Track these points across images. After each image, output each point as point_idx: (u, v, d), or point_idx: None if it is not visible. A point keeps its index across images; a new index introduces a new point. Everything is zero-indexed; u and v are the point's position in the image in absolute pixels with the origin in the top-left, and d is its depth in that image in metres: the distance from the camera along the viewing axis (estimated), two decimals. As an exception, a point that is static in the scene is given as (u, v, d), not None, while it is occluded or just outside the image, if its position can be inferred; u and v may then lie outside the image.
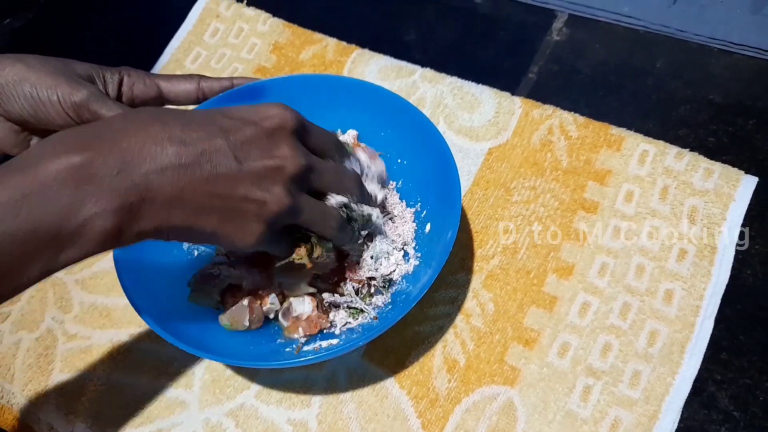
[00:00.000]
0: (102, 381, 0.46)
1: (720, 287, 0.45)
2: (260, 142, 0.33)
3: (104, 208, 0.29)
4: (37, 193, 0.27)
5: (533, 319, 0.45)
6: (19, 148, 0.45)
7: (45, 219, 0.28)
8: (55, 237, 0.28)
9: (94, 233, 0.29)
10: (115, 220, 0.29)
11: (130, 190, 0.29)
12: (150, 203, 0.30)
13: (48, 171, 0.28)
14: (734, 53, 0.57)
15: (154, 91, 0.46)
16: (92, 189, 0.28)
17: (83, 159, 0.28)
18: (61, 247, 0.28)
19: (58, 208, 0.28)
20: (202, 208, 0.32)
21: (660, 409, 0.41)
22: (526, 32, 0.61)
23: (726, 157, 0.50)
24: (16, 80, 0.41)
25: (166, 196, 0.30)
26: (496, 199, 0.51)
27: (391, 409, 0.43)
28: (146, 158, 0.30)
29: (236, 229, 0.33)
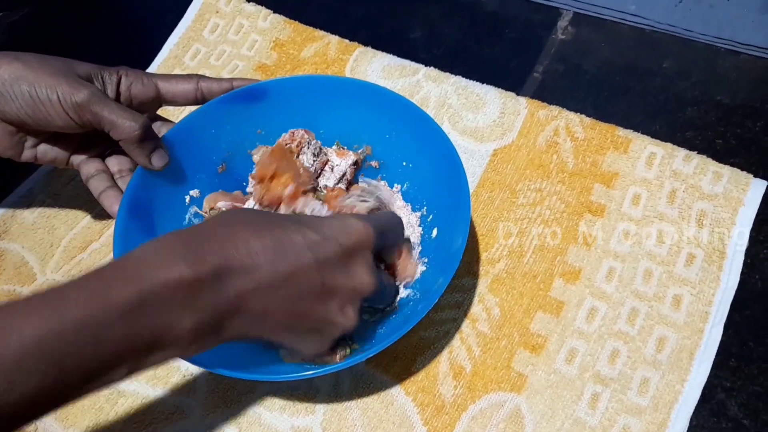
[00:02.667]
0: (101, 387, 0.45)
1: (729, 293, 0.44)
2: (341, 261, 0.34)
3: (195, 324, 0.29)
4: (145, 303, 0.27)
5: (540, 324, 0.45)
6: (14, 151, 0.44)
7: (147, 327, 0.28)
8: (151, 345, 0.28)
9: (184, 342, 0.29)
10: (201, 335, 0.30)
11: (224, 307, 0.30)
12: (238, 318, 0.31)
13: (158, 281, 0.28)
14: (741, 53, 0.56)
15: (153, 90, 0.45)
16: (194, 304, 0.29)
17: (191, 273, 0.29)
18: (152, 353, 0.29)
19: (161, 320, 0.28)
20: (282, 324, 0.33)
21: (669, 417, 0.41)
22: (532, 31, 0.61)
23: (734, 160, 0.49)
24: (14, 79, 0.40)
25: (253, 314, 0.31)
26: (502, 201, 0.50)
27: (396, 417, 0.42)
28: (242, 274, 0.30)
29: (306, 344, 0.35)
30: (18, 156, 0.45)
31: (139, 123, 0.41)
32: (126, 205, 0.42)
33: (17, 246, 0.52)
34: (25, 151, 0.45)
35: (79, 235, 0.52)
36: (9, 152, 0.44)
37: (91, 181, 0.45)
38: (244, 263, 0.30)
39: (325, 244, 0.33)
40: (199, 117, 0.45)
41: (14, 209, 0.54)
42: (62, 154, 0.46)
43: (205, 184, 0.47)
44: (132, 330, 0.27)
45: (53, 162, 0.46)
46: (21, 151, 0.44)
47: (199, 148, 0.46)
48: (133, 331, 0.27)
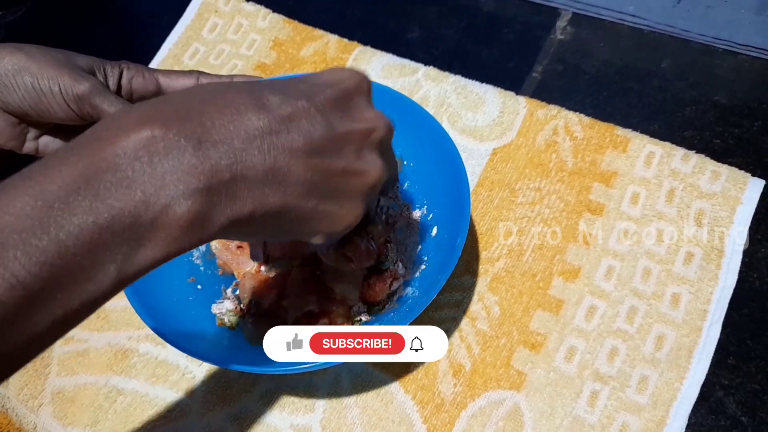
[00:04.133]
0: (100, 385, 0.45)
1: (727, 291, 0.44)
2: (344, 104, 0.29)
3: (188, 187, 0.24)
4: (106, 175, 0.23)
5: (539, 322, 0.45)
6: (16, 142, 0.44)
7: (116, 206, 0.23)
8: (131, 228, 0.23)
9: (177, 221, 0.24)
10: (200, 203, 0.24)
11: (217, 166, 0.24)
12: (241, 181, 0.25)
13: (118, 148, 0.23)
14: (739, 54, 0.57)
15: (153, 85, 0.45)
16: (172, 166, 0.23)
17: (160, 132, 0.24)
18: (138, 243, 0.23)
19: (133, 191, 0.23)
20: (300, 183, 0.27)
21: (668, 415, 0.41)
22: (530, 31, 0.61)
23: (732, 160, 0.50)
24: (16, 70, 0.40)
25: (259, 172, 0.26)
26: (501, 200, 0.50)
27: (396, 415, 0.42)
28: (230, 128, 0.25)
29: (340, 205, 0.30)
30: (20, 148, 0.45)
31: None
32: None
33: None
34: (27, 143, 0.45)
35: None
36: (11, 143, 0.44)
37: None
38: (230, 117, 0.25)
39: (320, 89, 0.29)
40: None
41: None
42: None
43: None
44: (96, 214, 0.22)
45: None
46: (23, 142, 0.44)
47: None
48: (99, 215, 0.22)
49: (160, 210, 0.23)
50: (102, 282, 0.23)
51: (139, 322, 0.47)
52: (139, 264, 0.24)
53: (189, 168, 0.24)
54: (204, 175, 0.24)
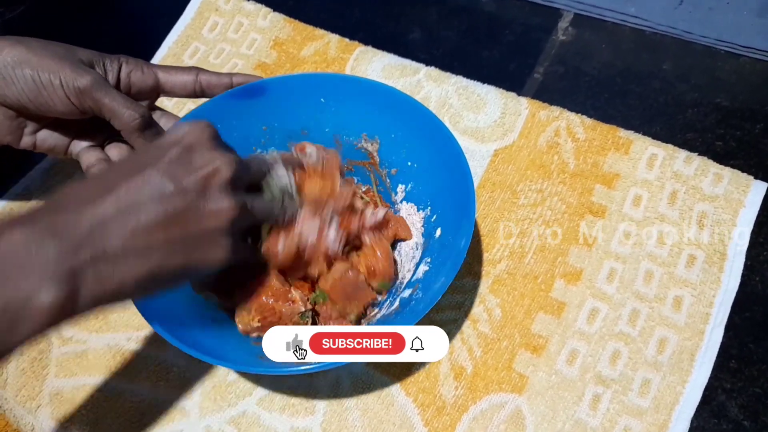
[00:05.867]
0: (98, 387, 0.45)
1: (730, 294, 0.44)
2: (186, 158, 0.32)
3: (50, 277, 0.27)
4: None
5: (541, 325, 0.45)
6: (13, 136, 0.44)
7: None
8: (3, 313, 0.26)
9: (43, 307, 0.27)
10: (64, 290, 0.27)
11: (76, 256, 0.28)
12: (103, 262, 0.29)
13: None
14: (741, 56, 0.57)
15: (152, 79, 0.45)
16: (34, 263, 0.27)
17: (27, 235, 0.27)
18: (11, 326, 0.26)
19: (3, 284, 0.26)
20: (161, 245, 0.30)
21: (670, 419, 0.41)
22: (532, 32, 0.61)
23: (734, 162, 0.50)
24: (17, 62, 0.39)
25: (117, 250, 0.29)
26: (503, 202, 0.50)
27: (397, 417, 0.42)
28: (84, 218, 0.29)
29: (205, 251, 0.33)
30: (17, 142, 0.44)
31: (139, 112, 0.41)
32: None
33: (14, 244, 0.51)
34: (24, 137, 0.44)
35: (76, 233, 0.51)
36: (8, 138, 0.43)
37: (91, 171, 0.45)
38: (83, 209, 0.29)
39: (164, 152, 0.32)
40: (203, 111, 0.45)
41: (11, 208, 0.53)
42: (62, 142, 0.45)
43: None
44: None
45: (52, 150, 0.45)
46: (20, 137, 0.44)
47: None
48: None
49: (28, 299, 0.26)
50: None
51: (138, 323, 0.46)
52: (12, 342, 0.27)
53: (51, 260, 0.27)
54: (65, 264, 0.27)
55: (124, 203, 0.30)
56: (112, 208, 0.29)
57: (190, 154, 0.32)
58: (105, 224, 0.29)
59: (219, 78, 0.46)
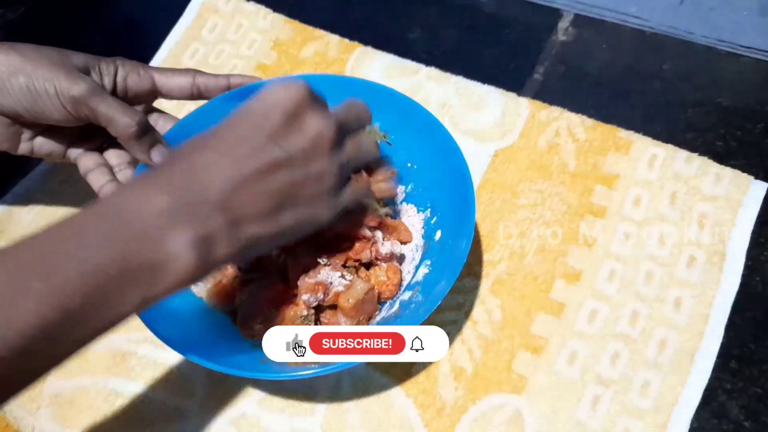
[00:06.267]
0: (99, 388, 0.45)
1: (730, 295, 0.44)
2: (291, 122, 0.34)
3: (188, 243, 0.30)
4: (126, 232, 0.29)
5: (541, 326, 0.45)
6: (10, 143, 0.44)
7: (136, 255, 0.28)
8: (148, 271, 0.29)
9: (179, 269, 0.30)
10: (197, 254, 0.30)
11: (210, 224, 0.31)
12: (230, 227, 0.31)
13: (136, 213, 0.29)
14: (742, 56, 0.56)
15: (149, 82, 0.44)
16: (174, 229, 0.29)
17: (164, 203, 0.30)
18: (156, 280, 0.29)
19: (145, 245, 0.29)
20: (277, 210, 0.33)
21: (670, 419, 0.41)
22: (532, 32, 0.60)
23: (734, 162, 0.49)
24: (11, 71, 0.39)
25: (242, 215, 0.32)
26: (503, 203, 0.50)
27: (397, 418, 0.42)
28: (216, 191, 0.31)
29: (313, 212, 0.35)
30: (14, 149, 0.44)
31: (135, 120, 0.40)
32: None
33: (14, 245, 0.51)
34: (21, 144, 0.44)
35: (76, 234, 0.51)
36: (5, 145, 0.43)
37: (90, 175, 0.45)
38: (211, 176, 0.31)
39: (267, 118, 0.33)
40: (203, 114, 0.45)
41: (11, 209, 0.54)
42: (59, 147, 0.45)
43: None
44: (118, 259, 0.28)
45: (50, 156, 0.45)
46: (17, 143, 0.44)
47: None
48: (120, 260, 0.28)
49: (171, 260, 0.29)
50: (130, 303, 0.29)
51: (138, 325, 0.46)
52: (155, 294, 0.30)
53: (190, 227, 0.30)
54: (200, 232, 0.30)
55: (250, 175, 0.32)
56: (240, 179, 0.32)
57: (293, 120, 0.34)
58: (235, 195, 0.32)
59: (216, 80, 0.46)
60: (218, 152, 0.32)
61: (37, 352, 0.27)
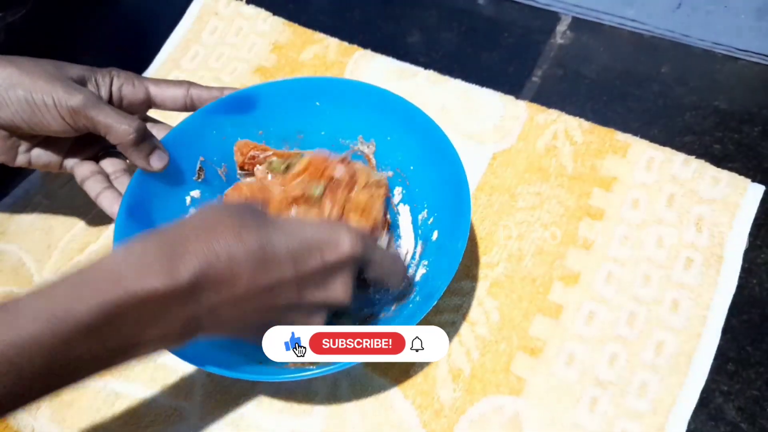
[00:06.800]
0: (98, 389, 0.45)
1: (727, 297, 0.44)
2: (320, 275, 0.34)
3: (169, 332, 0.30)
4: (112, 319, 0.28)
5: (539, 328, 0.45)
6: (7, 156, 0.44)
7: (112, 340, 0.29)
8: (115, 354, 0.30)
9: (148, 350, 0.31)
10: (171, 339, 0.31)
11: (195, 317, 0.31)
12: (208, 325, 0.32)
13: (129, 295, 0.28)
14: (739, 59, 0.57)
15: (143, 93, 0.45)
16: (165, 317, 0.29)
17: (165, 286, 0.29)
18: (114, 360, 0.30)
19: (129, 332, 0.29)
20: (250, 328, 0.34)
21: (667, 421, 0.41)
22: (530, 35, 0.61)
23: (732, 165, 0.50)
24: (9, 84, 0.39)
25: (224, 321, 0.32)
26: (501, 205, 0.50)
27: (395, 420, 0.42)
28: (219, 286, 0.30)
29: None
30: (12, 161, 0.44)
31: (134, 126, 0.41)
32: (126, 206, 0.42)
33: (14, 247, 0.52)
34: (18, 156, 0.44)
35: (76, 236, 0.52)
36: (3, 157, 0.44)
37: (86, 183, 0.45)
38: (223, 275, 0.30)
39: (309, 258, 0.32)
40: (199, 118, 0.45)
41: (11, 210, 0.54)
42: (55, 158, 0.46)
43: (206, 185, 0.47)
44: (96, 344, 0.28)
45: (47, 166, 0.46)
46: (15, 156, 0.44)
47: (200, 149, 0.46)
48: (98, 344, 0.28)
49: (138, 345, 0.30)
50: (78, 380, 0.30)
51: (137, 326, 0.46)
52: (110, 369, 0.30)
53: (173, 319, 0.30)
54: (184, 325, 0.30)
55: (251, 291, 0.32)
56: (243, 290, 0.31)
57: (324, 274, 0.34)
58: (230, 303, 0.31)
59: (210, 92, 0.46)
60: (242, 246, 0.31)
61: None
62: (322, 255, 0.33)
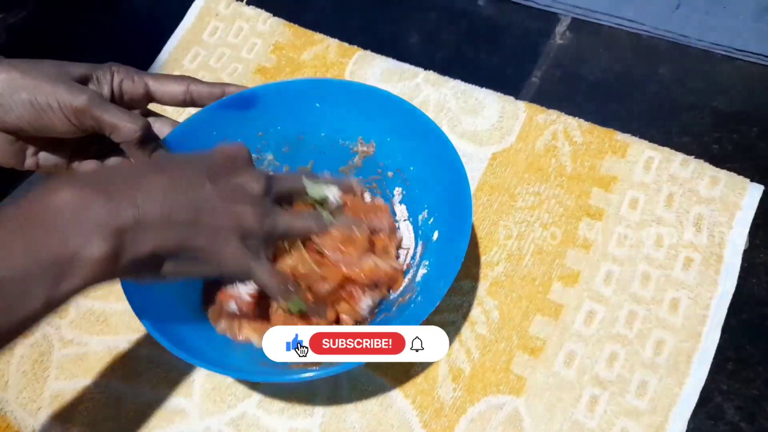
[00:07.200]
0: (99, 389, 0.45)
1: (726, 296, 0.44)
2: (226, 167, 0.37)
3: (99, 233, 0.30)
4: (33, 225, 0.29)
5: (539, 327, 0.45)
6: (16, 160, 0.44)
7: (41, 248, 0.29)
8: (54, 264, 0.29)
9: (91, 259, 0.30)
10: (110, 245, 0.30)
11: (123, 216, 0.31)
12: (142, 226, 0.32)
13: (46, 204, 0.30)
14: (737, 60, 0.57)
15: (142, 88, 0.45)
16: (87, 217, 0.30)
17: (79, 192, 0.31)
18: (61, 275, 0.29)
19: (53, 237, 0.29)
20: (188, 224, 0.34)
21: (667, 420, 0.41)
22: (530, 36, 0.61)
23: (730, 165, 0.50)
24: (12, 88, 0.39)
25: (156, 217, 0.33)
26: (501, 205, 0.50)
27: (395, 419, 0.42)
28: (134, 187, 0.33)
29: (219, 244, 0.36)
30: (20, 165, 0.45)
31: (139, 125, 0.41)
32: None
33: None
34: (27, 160, 0.45)
35: (77, 236, 0.52)
36: (11, 161, 0.44)
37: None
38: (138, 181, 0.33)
39: (210, 159, 0.37)
40: (201, 119, 0.46)
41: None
42: (62, 160, 0.46)
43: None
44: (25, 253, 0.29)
45: (55, 168, 0.46)
46: (23, 159, 0.44)
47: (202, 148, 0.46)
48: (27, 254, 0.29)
49: (77, 252, 0.30)
50: (32, 306, 0.29)
51: (138, 326, 0.47)
52: (62, 292, 0.30)
53: (101, 218, 0.31)
54: (112, 222, 0.31)
55: (167, 182, 0.34)
56: (157, 183, 0.34)
57: (228, 163, 0.37)
58: (149, 194, 0.33)
59: (210, 89, 0.46)
60: (158, 167, 0.35)
61: None
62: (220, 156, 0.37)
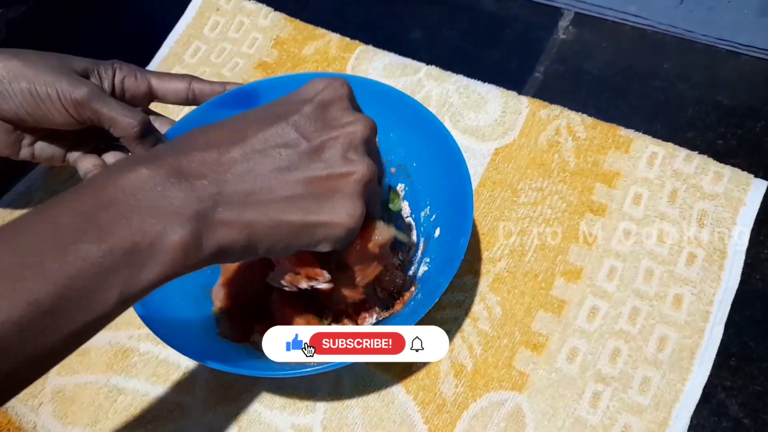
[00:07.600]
0: (100, 385, 0.45)
1: (730, 292, 0.44)
2: (321, 116, 0.31)
3: (178, 217, 0.27)
4: (109, 210, 0.26)
5: (541, 323, 0.45)
6: (11, 149, 0.44)
7: (117, 235, 0.25)
8: (131, 254, 0.26)
9: (171, 246, 0.26)
10: (190, 231, 0.27)
11: (201, 198, 0.27)
12: (224, 205, 0.28)
13: (118, 187, 0.26)
14: (742, 55, 0.56)
15: (145, 85, 0.45)
16: (164, 200, 0.27)
17: (152, 172, 0.27)
18: (138, 267, 0.26)
19: (132, 223, 0.26)
20: (281, 199, 0.29)
21: (670, 416, 0.41)
22: (532, 31, 0.61)
23: (734, 161, 0.49)
24: (13, 76, 0.39)
25: (240, 195, 0.28)
26: (503, 201, 0.50)
27: (397, 415, 0.42)
28: (210, 164, 0.28)
29: (330, 212, 0.30)
30: (15, 155, 0.45)
31: (138, 119, 0.41)
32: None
33: (16, 243, 0.51)
34: (22, 150, 0.45)
35: (78, 232, 0.52)
36: (6, 151, 0.44)
37: (89, 177, 0.45)
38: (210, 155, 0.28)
39: (296, 108, 0.31)
40: (202, 113, 0.45)
41: (13, 207, 0.54)
42: (59, 151, 0.46)
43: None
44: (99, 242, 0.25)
45: (50, 160, 0.46)
46: (18, 149, 0.44)
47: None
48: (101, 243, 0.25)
49: (156, 238, 0.26)
50: (106, 301, 0.26)
51: (139, 322, 0.46)
52: (139, 285, 0.26)
53: (178, 201, 0.27)
54: (191, 206, 0.27)
55: (250, 151, 0.29)
56: (239, 154, 0.29)
57: (323, 113, 0.31)
58: (231, 169, 0.28)
59: (212, 87, 0.46)
60: (227, 129, 0.30)
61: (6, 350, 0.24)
62: (311, 100, 0.31)
